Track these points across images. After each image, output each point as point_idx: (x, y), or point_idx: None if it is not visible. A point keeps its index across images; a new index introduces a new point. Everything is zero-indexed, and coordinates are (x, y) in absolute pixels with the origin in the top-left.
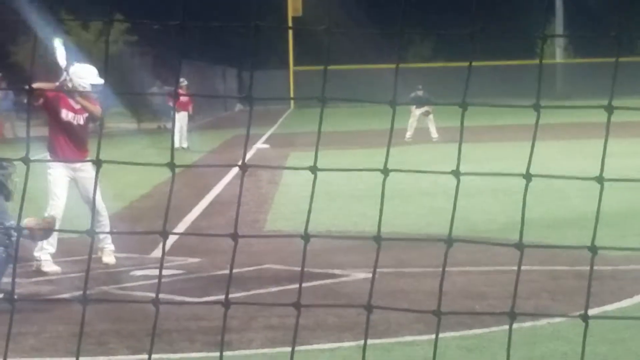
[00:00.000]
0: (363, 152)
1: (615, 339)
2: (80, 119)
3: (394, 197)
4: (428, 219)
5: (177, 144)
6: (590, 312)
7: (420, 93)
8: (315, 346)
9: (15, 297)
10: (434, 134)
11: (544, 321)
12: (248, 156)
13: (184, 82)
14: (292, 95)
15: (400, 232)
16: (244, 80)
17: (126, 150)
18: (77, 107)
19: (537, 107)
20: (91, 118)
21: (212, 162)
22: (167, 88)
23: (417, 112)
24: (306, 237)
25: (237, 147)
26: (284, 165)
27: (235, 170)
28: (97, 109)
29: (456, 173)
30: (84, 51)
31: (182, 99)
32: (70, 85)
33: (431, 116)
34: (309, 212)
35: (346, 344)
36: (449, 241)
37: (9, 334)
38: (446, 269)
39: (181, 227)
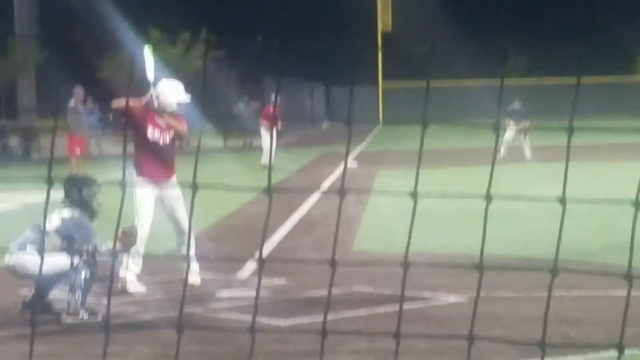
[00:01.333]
0: (456, 171)
1: None
2: (167, 137)
3: (487, 219)
4: (522, 242)
5: (264, 161)
6: None
7: (517, 106)
8: None
9: (100, 318)
10: (528, 155)
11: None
12: (335, 175)
13: (274, 99)
14: (380, 112)
15: (495, 255)
16: (332, 96)
17: (212, 169)
18: (164, 125)
19: None
20: (178, 137)
21: (300, 180)
22: (255, 103)
23: (514, 127)
24: (405, 264)
25: (325, 165)
26: (372, 185)
27: (323, 188)
28: (183, 128)
29: (562, 200)
30: (171, 66)
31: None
32: (156, 102)
33: (528, 136)
34: (409, 237)
35: None
36: (554, 271)
37: (104, 355)
38: (537, 294)
39: (267, 247)
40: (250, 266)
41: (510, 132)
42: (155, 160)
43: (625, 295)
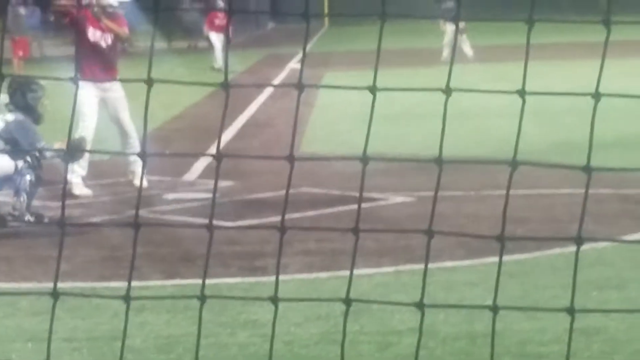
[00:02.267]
0: (403, 72)
1: None
2: (108, 39)
3: (433, 118)
4: (469, 141)
5: (219, 64)
6: (636, 235)
7: (450, 4)
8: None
9: (46, 221)
10: (469, 52)
11: (587, 246)
12: (282, 76)
13: (221, 3)
14: (326, 11)
15: (444, 155)
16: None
17: (157, 71)
18: (105, 26)
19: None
20: (119, 39)
21: (246, 82)
22: (199, 4)
23: (448, 28)
24: (364, 158)
25: (271, 66)
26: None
27: (269, 90)
28: (124, 31)
29: (521, 92)
30: None
31: (220, 22)
32: (96, 1)
33: (465, 35)
34: (368, 133)
35: (384, 269)
36: (514, 164)
37: (59, 258)
38: (485, 192)
39: (215, 149)
40: (197, 168)
41: (446, 36)
42: (98, 62)
43: (569, 192)
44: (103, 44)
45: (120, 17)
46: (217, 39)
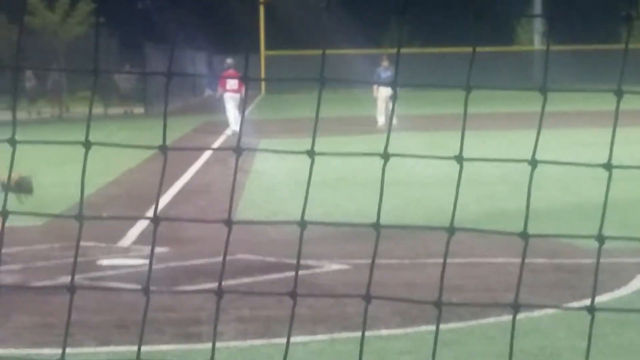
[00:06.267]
0: (338, 140)
1: (596, 333)
2: None
3: (368, 186)
4: (403, 210)
5: (235, 128)
6: (571, 304)
7: (385, 70)
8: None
9: None
10: (394, 120)
11: (522, 315)
12: (218, 142)
13: (231, 62)
14: (262, 77)
15: (381, 222)
16: (214, 64)
17: (95, 136)
18: None
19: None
20: None
21: (185, 147)
22: (135, 70)
23: (382, 93)
24: (302, 223)
25: (208, 133)
26: (254, 154)
27: (204, 157)
28: None
29: (459, 159)
30: (50, 33)
31: (234, 81)
32: None
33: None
34: (306, 197)
35: (319, 337)
36: (451, 230)
37: None
38: (420, 260)
39: (151, 214)
40: (132, 234)
41: (381, 102)
42: None
43: (504, 261)
44: None
45: None
46: (231, 100)
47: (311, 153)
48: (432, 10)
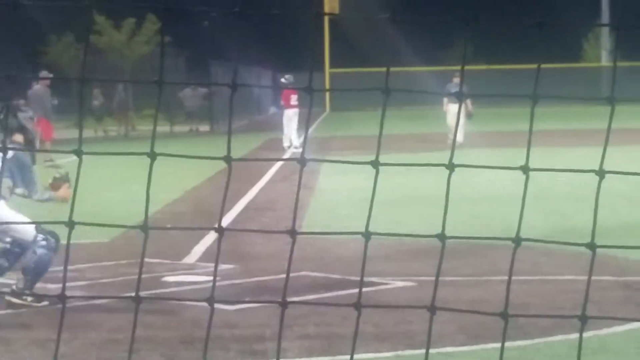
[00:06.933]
0: (405, 157)
1: None
2: None
3: (433, 204)
4: (470, 225)
5: (295, 143)
6: (637, 324)
7: (456, 86)
8: (354, 356)
9: (46, 302)
10: (461, 138)
11: (590, 333)
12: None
13: (290, 78)
14: (327, 98)
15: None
16: (278, 81)
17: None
18: None
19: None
20: None
21: (247, 165)
22: (202, 90)
23: (452, 110)
24: (367, 234)
25: (273, 150)
26: (318, 171)
27: (269, 174)
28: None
29: (525, 169)
30: (116, 52)
31: (295, 97)
32: None
33: (468, 119)
34: (370, 208)
35: (384, 354)
36: (516, 240)
37: (58, 339)
38: (486, 278)
39: (214, 234)
40: (197, 251)
41: (450, 116)
42: None
43: (571, 279)
44: None
45: None
46: (294, 115)
47: (375, 164)
48: (497, 27)
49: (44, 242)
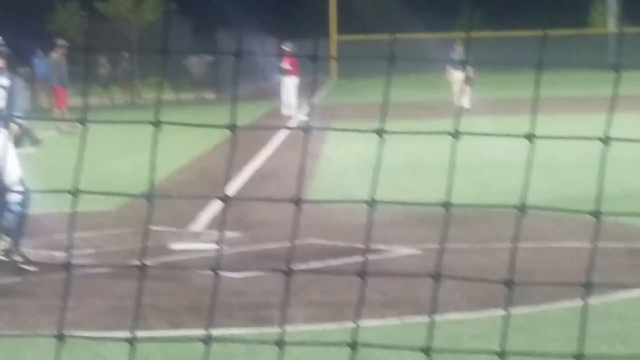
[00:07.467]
0: (410, 124)
1: None
2: None
3: (438, 171)
4: (475, 193)
5: (294, 112)
6: None
7: (458, 54)
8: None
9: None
10: (466, 104)
11: (595, 299)
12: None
13: (290, 46)
14: (334, 66)
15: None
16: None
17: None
18: None
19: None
20: None
21: (254, 133)
22: (208, 58)
23: (456, 77)
24: (371, 202)
25: (279, 119)
26: (325, 139)
27: (275, 143)
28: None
29: (530, 137)
30: (122, 19)
31: (292, 63)
32: None
33: (469, 86)
34: (375, 176)
35: (390, 321)
36: (522, 208)
37: (65, 304)
38: (492, 245)
39: (220, 201)
40: (203, 219)
41: (456, 84)
42: None
43: (577, 246)
44: None
45: None
46: (291, 82)
47: (380, 131)
48: None
49: (19, 200)
